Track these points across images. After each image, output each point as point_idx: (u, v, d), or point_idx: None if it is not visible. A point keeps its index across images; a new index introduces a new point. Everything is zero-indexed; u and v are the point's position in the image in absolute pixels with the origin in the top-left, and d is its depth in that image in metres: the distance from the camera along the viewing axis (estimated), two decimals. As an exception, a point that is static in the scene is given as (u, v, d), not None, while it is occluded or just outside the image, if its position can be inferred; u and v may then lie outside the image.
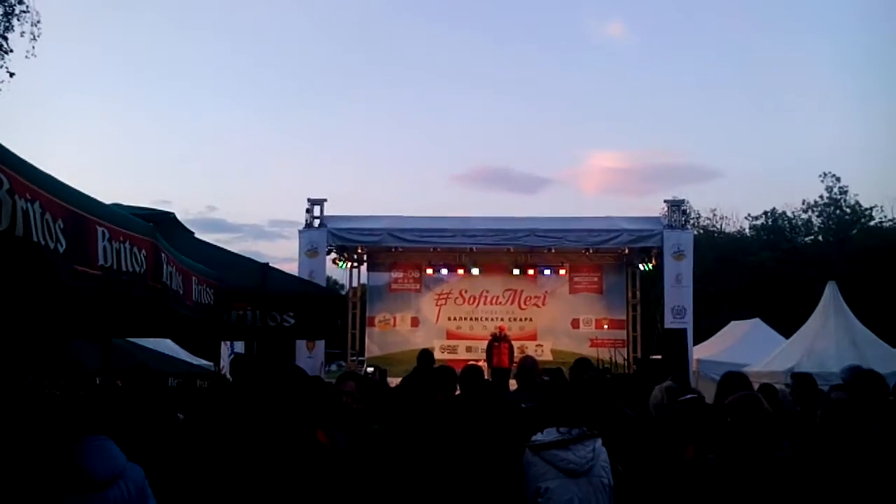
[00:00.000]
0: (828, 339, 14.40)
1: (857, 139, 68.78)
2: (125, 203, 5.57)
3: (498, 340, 17.06)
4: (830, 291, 15.31)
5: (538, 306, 20.02)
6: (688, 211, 19.72)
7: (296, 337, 10.54)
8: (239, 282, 5.62)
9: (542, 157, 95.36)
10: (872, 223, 39.80)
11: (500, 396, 4.40)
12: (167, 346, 13.93)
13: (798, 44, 72.18)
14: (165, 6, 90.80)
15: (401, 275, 20.28)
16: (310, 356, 15.84)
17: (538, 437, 3.90)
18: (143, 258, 3.36)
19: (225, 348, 15.07)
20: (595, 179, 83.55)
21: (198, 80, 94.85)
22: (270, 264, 6.48)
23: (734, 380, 5.35)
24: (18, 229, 2.16)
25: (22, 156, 2.33)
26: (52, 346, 9.21)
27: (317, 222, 17.22)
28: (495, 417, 4.10)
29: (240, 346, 13.44)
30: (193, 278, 4.52)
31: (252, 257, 7.08)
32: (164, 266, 3.78)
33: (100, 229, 2.89)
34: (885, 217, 40.19)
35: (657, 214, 20.55)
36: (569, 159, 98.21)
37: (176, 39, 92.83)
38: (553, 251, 18.86)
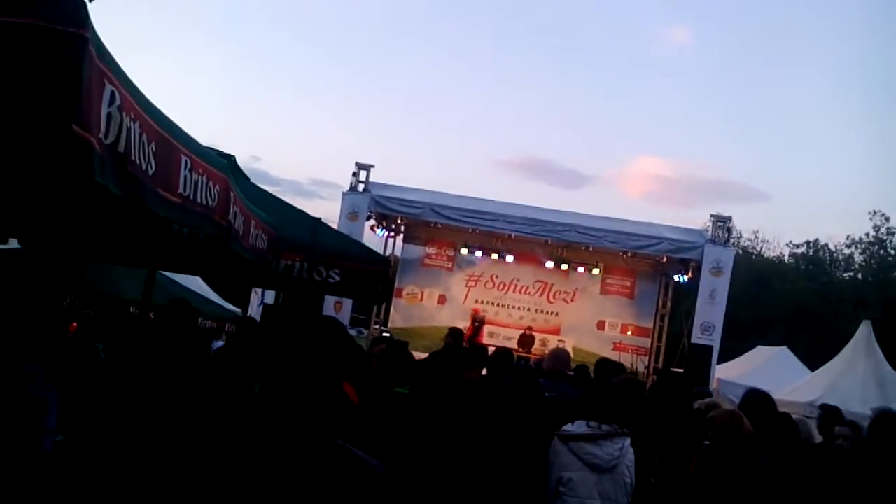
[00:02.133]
0: (854, 378, 14.17)
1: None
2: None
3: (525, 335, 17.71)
4: (864, 331, 15.05)
5: (566, 302, 19.97)
6: (731, 228, 19.42)
7: (338, 294, 10.62)
8: (291, 233, 5.70)
9: (588, 154, 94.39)
10: (916, 267, 38.97)
11: (537, 382, 4.42)
12: (199, 285, 14.06)
13: (858, 75, 70.51)
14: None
15: (435, 251, 20.34)
16: (335, 316, 15.98)
17: (568, 427, 3.92)
18: (216, 193, 3.43)
19: (255, 297, 15.24)
20: (638, 184, 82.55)
21: (252, 28, 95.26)
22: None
23: (759, 399, 5.31)
24: (121, 145, 2.22)
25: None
26: (93, 270, 9.41)
27: (361, 187, 17.32)
28: (529, 402, 4.13)
29: (269, 298, 13.57)
30: (252, 221, 4.60)
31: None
32: (231, 205, 3.85)
33: (184, 158, 2.96)
34: (930, 263, 39.33)
35: (699, 227, 20.33)
36: (615, 160, 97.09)
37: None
38: (590, 249, 18.75)
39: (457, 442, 3.96)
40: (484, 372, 5.61)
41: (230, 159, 5.97)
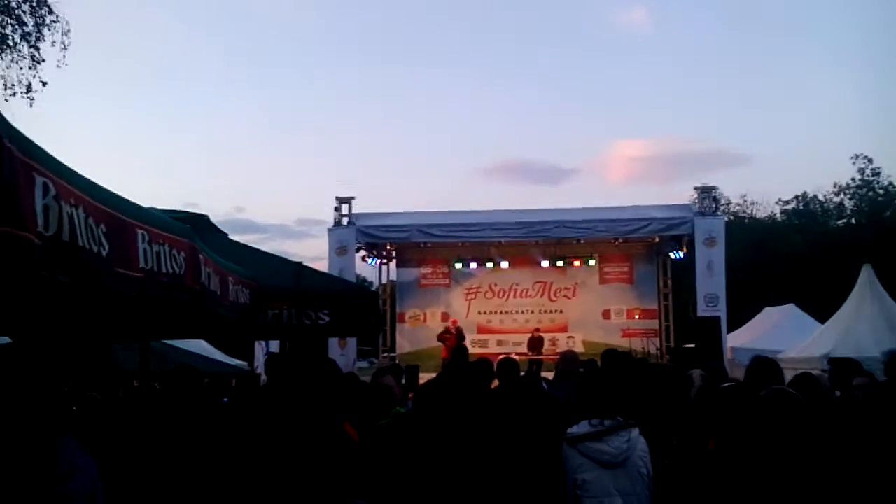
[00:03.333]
0: (864, 323, 14.15)
1: (889, 119, 67.46)
2: (159, 207, 5.65)
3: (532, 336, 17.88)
4: (866, 274, 15.04)
5: (568, 298, 19.95)
6: (718, 197, 19.50)
7: (330, 335, 10.62)
8: (274, 281, 5.67)
9: (565, 147, 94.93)
10: (907, 204, 39.06)
11: (541, 389, 4.39)
12: (201, 346, 14.05)
13: (825, 21, 70.97)
14: (190, 10, 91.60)
15: (430, 270, 20.33)
16: (342, 353, 15.96)
17: (573, 429, 3.88)
18: (182, 259, 3.40)
19: (259, 348, 15.20)
20: (620, 168, 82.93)
21: (221, 82, 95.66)
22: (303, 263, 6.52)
23: (764, 366, 5.26)
24: (65, 234, 2.19)
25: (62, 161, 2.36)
26: (90, 350, 9.37)
27: (345, 220, 17.34)
28: (535, 410, 4.09)
29: (275, 346, 13.53)
30: (230, 279, 4.57)
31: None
32: (203, 267, 3.82)
33: (139, 232, 2.93)
34: (919, 198, 39.42)
35: (686, 202, 20.34)
36: (593, 149, 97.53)
37: (198, 39, 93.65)
38: (582, 242, 18.78)
39: (470, 461, 3.91)
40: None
41: (201, 220, 5.98)
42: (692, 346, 16.17)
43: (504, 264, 19.60)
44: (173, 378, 5.35)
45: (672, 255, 18.75)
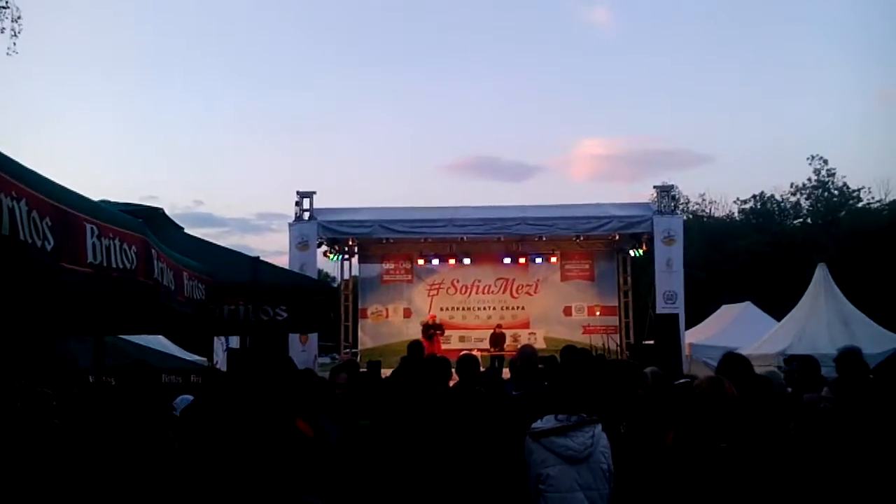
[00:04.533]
0: (819, 321, 14.50)
1: (844, 121, 69.01)
2: (113, 200, 5.53)
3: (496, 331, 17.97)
4: (821, 273, 15.41)
5: (530, 294, 20.07)
6: (677, 196, 19.88)
7: (288, 330, 10.52)
8: (231, 277, 5.59)
9: (530, 144, 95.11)
10: (860, 205, 40.00)
11: (500, 386, 4.40)
12: (159, 342, 13.86)
13: (783, 25, 72.26)
14: None
15: (392, 266, 20.29)
16: (303, 349, 15.86)
17: (538, 424, 3.90)
18: (133, 255, 3.33)
19: (219, 343, 15.01)
20: (584, 166, 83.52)
21: (182, 73, 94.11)
22: (261, 258, 6.43)
23: (734, 361, 5.34)
24: (4, 228, 2.13)
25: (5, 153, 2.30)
26: (43, 345, 9.16)
27: (307, 215, 17.19)
28: (494, 407, 4.10)
29: (235, 342, 13.38)
30: (185, 274, 4.49)
31: (241, 251, 7.04)
32: (156, 262, 3.74)
33: (88, 226, 2.86)
34: (873, 198, 40.41)
35: (647, 200, 20.59)
36: (558, 147, 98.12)
37: (158, 31, 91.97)
38: (544, 239, 18.88)
39: (431, 461, 3.91)
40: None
41: (156, 214, 5.88)
42: (651, 342, 16.37)
43: (466, 260, 19.63)
44: (127, 374, 5.26)
45: (632, 253, 18.99)
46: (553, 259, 19.93)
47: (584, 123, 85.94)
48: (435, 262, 19.83)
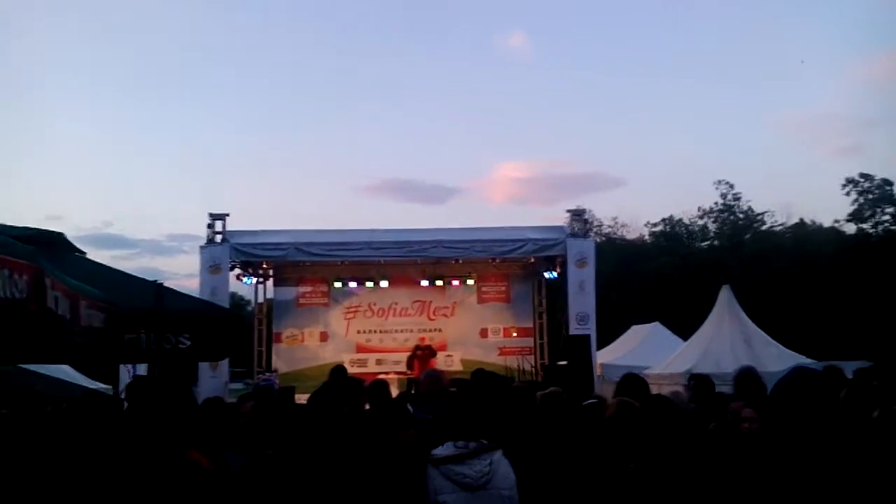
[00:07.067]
0: (723, 341, 15.11)
1: (750, 146, 72.50)
2: (11, 224, 5.30)
3: (421, 350, 17.72)
4: (725, 295, 16.09)
5: (447, 317, 20.14)
6: (590, 219, 20.43)
7: (193, 359, 10.22)
8: (132, 303, 5.42)
9: (449, 167, 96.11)
10: (764, 228, 42.03)
11: (405, 411, 4.40)
12: (62, 370, 13.34)
13: (691, 52, 75.61)
14: (56, 14, 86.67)
15: (309, 289, 20.03)
16: (213, 375, 15.47)
17: (437, 451, 3.92)
18: (23, 284, 3.21)
19: (125, 371, 14.47)
20: (503, 189, 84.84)
21: (90, 90, 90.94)
22: (167, 282, 6.25)
23: (632, 381, 5.53)
24: None
25: None
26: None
27: (219, 238, 16.82)
28: (396, 432, 4.10)
29: (143, 368, 12.95)
30: (82, 302, 4.34)
31: (151, 274, 6.88)
32: (49, 291, 3.62)
33: (-28, 255, 2.75)
34: (776, 222, 42.55)
35: (562, 223, 21.06)
36: (476, 169, 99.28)
37: (64, 42, 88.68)
38: (461, 262, 19.04)
39: (332, 485, 3.88)
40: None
41: (56, 238, 5.66)
42: (565, 363, 16.69)
43: (384, 283, 19.57)
44: (17, 403, 5.06)
45: (547, 275, 19.33)
46: (470, 281, 20.07)
47: (503, 146, 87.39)
48: (352, 284, 19.70)
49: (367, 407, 5.52)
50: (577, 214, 18.10)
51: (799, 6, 70.40)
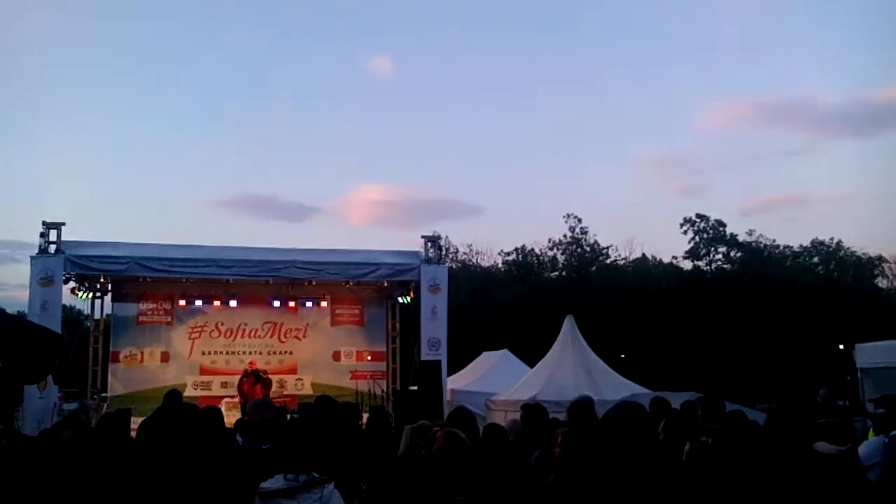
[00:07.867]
0: (566, 369, 15.67)
1: (597, 182, 76.42)
2: None
3: (248, 376, 16.87)
4: (569, 325, 16.73)
5: (299, 339, 19.70)
6: (445, 246, 20.73)
7: (5, 381, 9.35)
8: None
9: (309, 186, 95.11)
10: (609, 261, 44.32)
11: (233, 442, 4.21)
12: None
13: (547, 87, 79.15)
14: None
15: (151, 306, 18.97)
16: (41, 396, 14.32)
17: (266, 484, 3.77)
18: None
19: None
20: (362, 211, 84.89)
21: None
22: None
23: (461, 416, 5.60)
24: None
25: None
26: None
27: (53, 248, 15.61)
28: (225, 464, 3.91)
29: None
30: None
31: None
32: None
33: None
34: (619, 255, 45.00)
35: (418, 248, 21.20)
36: (337, 190, 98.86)
37: None
38: (314, 283, 18.71)
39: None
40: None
41: None
42: (415, 388, 16.71)
43: (233, 303, 18.87)
44: None
45: (401, 300, 19.37)
46: (323, 303, 19.76)
47: (364, 169, 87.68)
48: (198, 303, 18.84)
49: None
50: (432, 240, 18.27)
51: (654, 53, 75.57)
